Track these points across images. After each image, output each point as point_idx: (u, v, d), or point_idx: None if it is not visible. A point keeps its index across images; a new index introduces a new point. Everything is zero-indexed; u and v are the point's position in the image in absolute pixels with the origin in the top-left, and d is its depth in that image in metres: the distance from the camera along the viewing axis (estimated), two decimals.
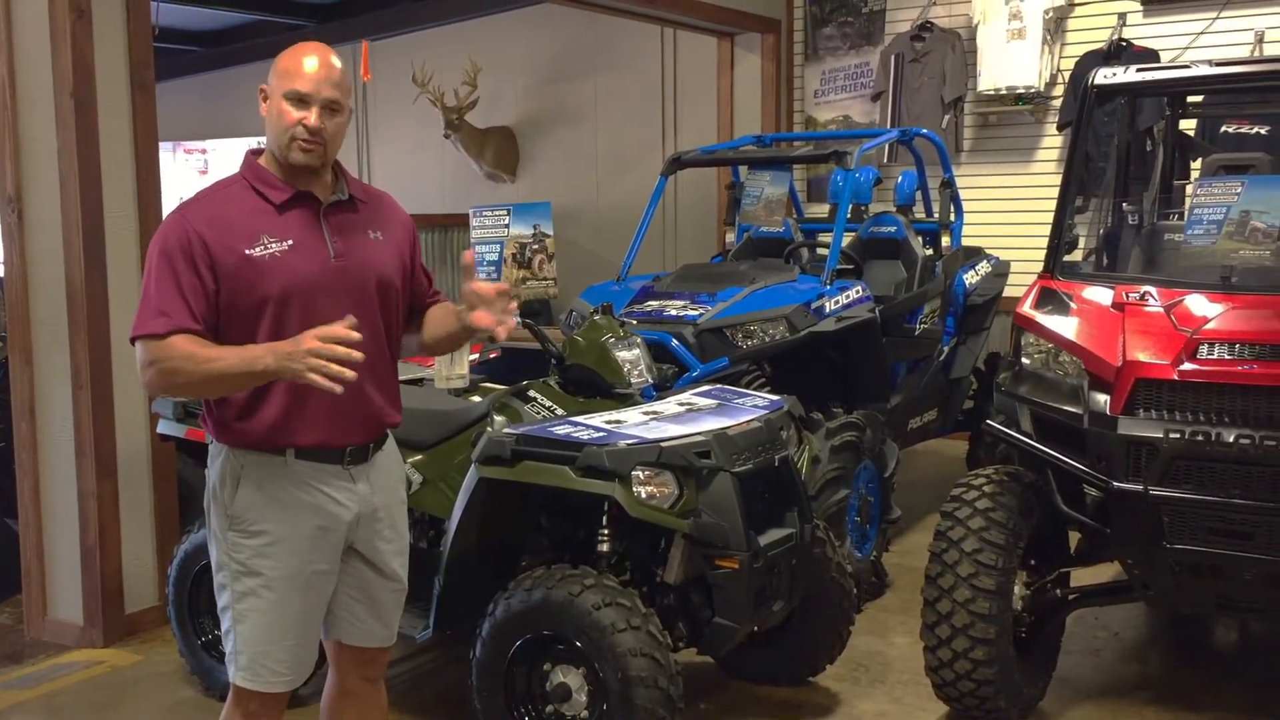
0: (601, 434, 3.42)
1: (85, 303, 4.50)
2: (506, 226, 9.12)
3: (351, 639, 2.80)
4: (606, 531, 3.52)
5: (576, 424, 3.55)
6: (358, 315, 2.53)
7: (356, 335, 2.33)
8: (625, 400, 3.91)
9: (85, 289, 4.50)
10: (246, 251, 2.50)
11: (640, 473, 3.29)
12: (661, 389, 4.30)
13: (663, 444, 3.33)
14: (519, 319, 3.84)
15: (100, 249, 4.54)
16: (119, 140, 4.61)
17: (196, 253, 2.47)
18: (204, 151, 9.99)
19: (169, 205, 4.67)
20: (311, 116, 2.51)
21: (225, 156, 9.93)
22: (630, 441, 3.34)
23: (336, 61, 2.57)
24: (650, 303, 5.38)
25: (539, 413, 3.88)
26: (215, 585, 2.68)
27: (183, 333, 2.43)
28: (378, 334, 2.65)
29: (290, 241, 2.54)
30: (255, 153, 2.65)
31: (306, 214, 2.59)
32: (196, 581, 4.03)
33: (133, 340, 2.48)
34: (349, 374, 2.31)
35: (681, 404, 3.81)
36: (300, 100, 2.51)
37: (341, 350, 2.30)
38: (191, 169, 9.96)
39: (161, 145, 5.11)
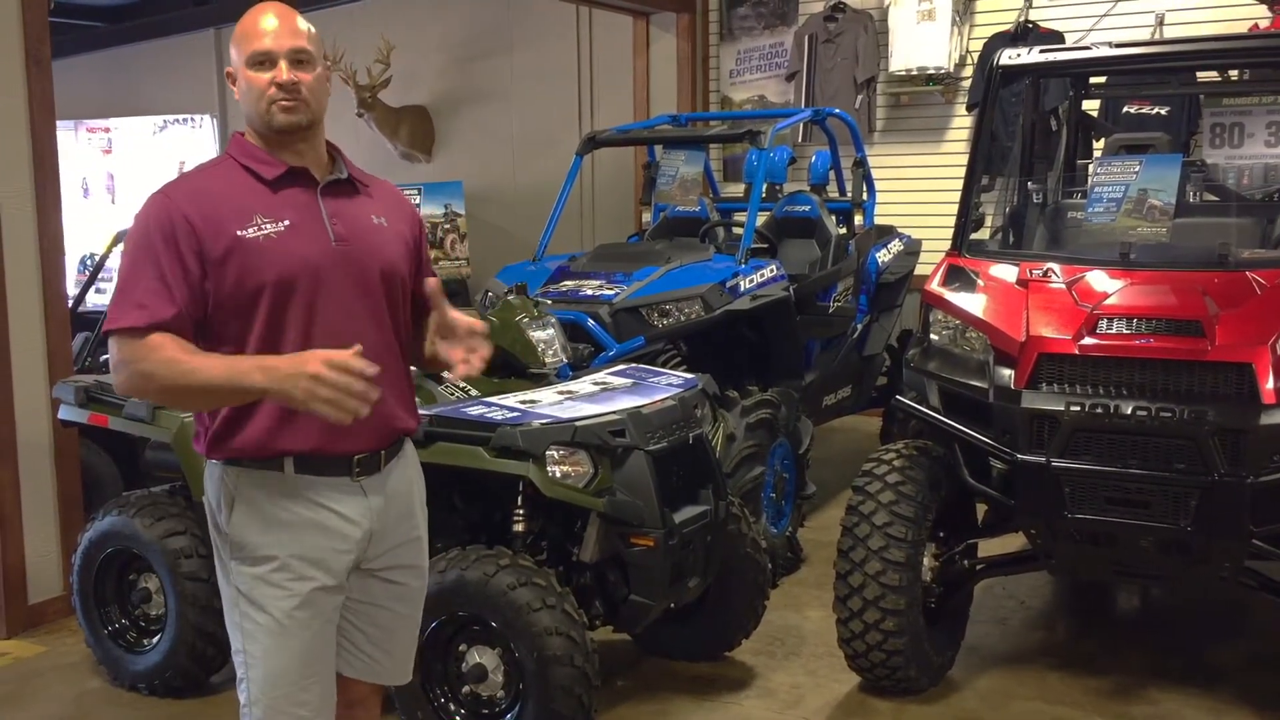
0: (516, 414, 3.41)
1: None
2: (417, 206, 9.03)
3: (350, 671, 2.46)
4: (521, 512, 3.52)
5: (490, 404, 3.54)
6: (362, 305, 2.30)
7: (372, 368, 2.06)
8: (540, 380, 3.91)
9: None
10: (239, 232, 2.21)
11: (555, 452, 3.30)
12: (577, 368, 4.30)
13: (577, 423, 3.34)
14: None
15: None
16: (13, 118, 4.48)
17: (181, 235, 2.18)
18: (107, 130, 9.66)
19: (70, 185, 4.56)
20: (280, 72, 2.25)
21: (130, 135, 9.61)
22: (544, 421, 3.34)
23: (298, 17, 2.31)
24: (566, 282, 5.37)
25: (453, 393, 3.86)
26: (227, 624, 2.39)
27: (163, 329, 2.15)
28: (384, 327, 2.36)
29: (287, 222, 2.25)
30: (242, 133, 2.38)
31: (303, 193, 2.31)
32: (102, 569, 3.96)
33: (107, 334, 2.20)
34: (364, 409, 2.06)
35: (596, 383, 3.82)
36: (265, 61, 2.26)
37: (356, 383, 2.04)
38: (95, 149, 9.63)
39: (62, 124, 4.98)
